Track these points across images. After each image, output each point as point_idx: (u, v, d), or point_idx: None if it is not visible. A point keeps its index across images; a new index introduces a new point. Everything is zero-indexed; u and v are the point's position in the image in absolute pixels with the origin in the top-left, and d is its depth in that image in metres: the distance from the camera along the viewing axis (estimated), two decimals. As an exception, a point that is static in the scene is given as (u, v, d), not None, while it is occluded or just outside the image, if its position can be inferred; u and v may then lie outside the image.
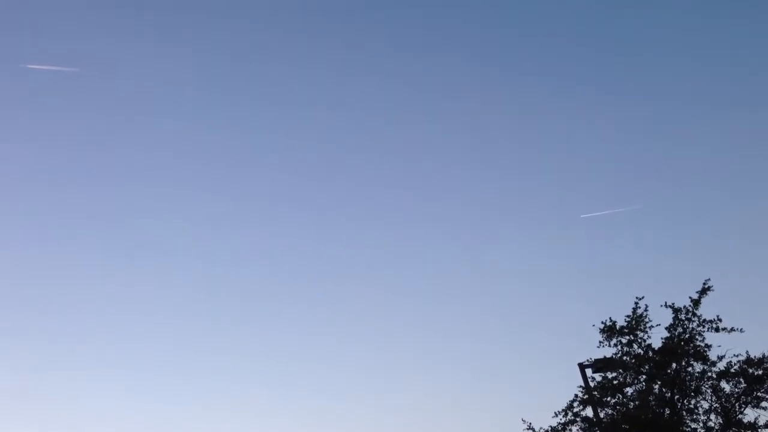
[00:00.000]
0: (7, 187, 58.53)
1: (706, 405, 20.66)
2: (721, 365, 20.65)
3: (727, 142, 57.31)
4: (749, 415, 20.44)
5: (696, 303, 20.96)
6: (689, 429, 20.49)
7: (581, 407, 21.28)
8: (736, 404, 20.49)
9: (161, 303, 55.53)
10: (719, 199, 54.95)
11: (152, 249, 58.45)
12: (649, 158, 58.39)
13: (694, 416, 20.58)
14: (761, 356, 20.38)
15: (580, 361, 21.22)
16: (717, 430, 20.42)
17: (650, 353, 21.04)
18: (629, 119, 60.35)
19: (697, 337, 20.83)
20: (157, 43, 62.02)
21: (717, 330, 20.69)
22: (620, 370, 21.12)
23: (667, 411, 20.57)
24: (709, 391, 20.69)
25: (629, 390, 21.22)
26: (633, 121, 60.21)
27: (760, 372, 20.26)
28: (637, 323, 21.30)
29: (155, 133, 61.80)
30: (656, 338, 21.21)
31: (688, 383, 20.71)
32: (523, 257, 55.61)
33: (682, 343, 20.78)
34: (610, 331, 21.51)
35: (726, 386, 20.64)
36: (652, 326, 21.26)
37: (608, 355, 21.24)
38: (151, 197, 60.25)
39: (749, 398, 20.40)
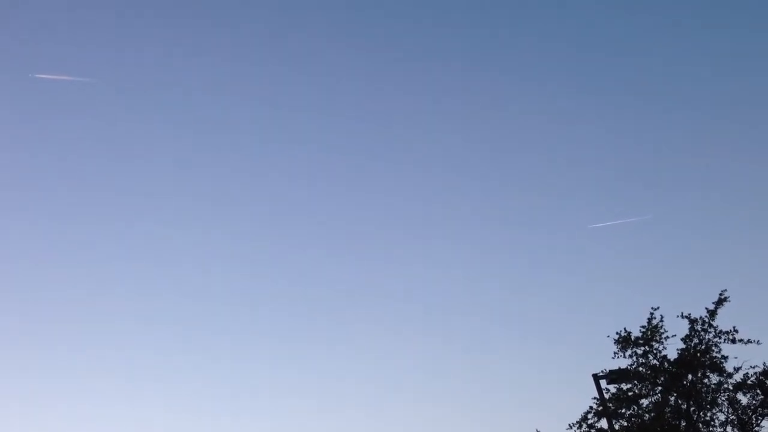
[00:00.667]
0: (13, 193, 58.46)
1: (722, 417, 20.53)
2: (738, 377, 20.54)
3: (737, 148, 57.09)
4: (766, 427, 20.28)
5: (712, 314, 20.78)
6: (705, 441, 20.30)
7: (596, 419, 21.05)
8: (753, 416, 20.28)
9: (160, 307, 55.44)
10: (733, 206, 54.70)
11: (153, 253, 58.37)
12: (658, 166, 58.18)
13: (711, 428, 20.39)
14: (779, 368, 20.18)
15: (595, 372, 21.07)
16: (733, 442, 20.22)
17: (666, 364, 20.85)
18: (638, 126, 60.23)
19: (713, 348, 20.65)
20: (165, 51, 62.04)
21: (734, 341, 20.50)
22: (635, 382, 20.93)
23: (683, 423, 20.36)
24: (725, 403, 20.51)
25: (645, 401, 21.02)
26: (642, 128, 60.12)
27: (778, 384, 20.05)
28: (653, 334, 21.11)
29: (162, 139, 61.69)
30: (672, 349, 21.08)
31: (704, 395, 20.51)
32: (532, 267, 55.40)
33: (699, 354, 20.58)
34: (625, 341, 21.31)
35: (743, 398, 20.52)
36: (667, 337, 21.10)
37: (623, 366, 21.10)
38: (157, 202, 60.20)
39: (766, 410, 20.18)
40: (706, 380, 20.64)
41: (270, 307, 56.01)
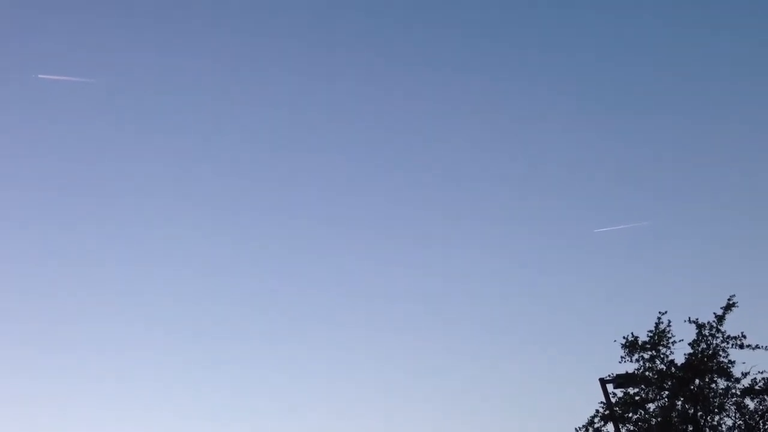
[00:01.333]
0: (13, 192, 58.37)
1: (729, 422, 20.49)
2: (746, 382, 20.48)
3: (744, 151, 57.06)
4: (774, 432, 20.21)
5: (720, 319, 20.78)
6: (712, 446, 20.27)
7: (602, 423, 21.04)
8: (760, 421, 20.26)
9: (159, 309, 55.34)
10: (742, 211, 54.59)
11: (151, 254, 58.28)
12: (665, 169, 58.11)
13: (718, 433, 20.34)
14: (787, 373, 20.18)
15: (602, 376, 21.03)
16: (741, 447, 20.20)
17: (673, 369, 20.84)
18: (644, 130, 60.19)
19: (720, 353, 20.65)
20: (169, 52, 62.02)
21: (741, 346, 20.51)
22: (642, 386, 20.91)
23: (691, 428, 20.33)
24: (732, 408, 20.48)
25: (651, 406, 21.02)
26: (648, 132, 60.11)
27: (786, 389, 20.04)
28: (660, 338, 21.10)
29: (164, 140, 61.62)
30: (679, 354, 21.06)
31: (711, 400, 20.49)
32: (538, 270, 55.30)
33: (706, 359, 20.58)
34: (632, 346, 21.30)
35: (750, 403, 20.47)
36: (675, 342, 21.08)
37: (630, 371, 21.09)
38: (157, 204, 60.15)
39: (774, 415, 20.16)
40: (713, 385, 20.63)
41: (269, 308, 55.96)
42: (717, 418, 20.46)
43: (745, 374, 20.40)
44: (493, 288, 54.90)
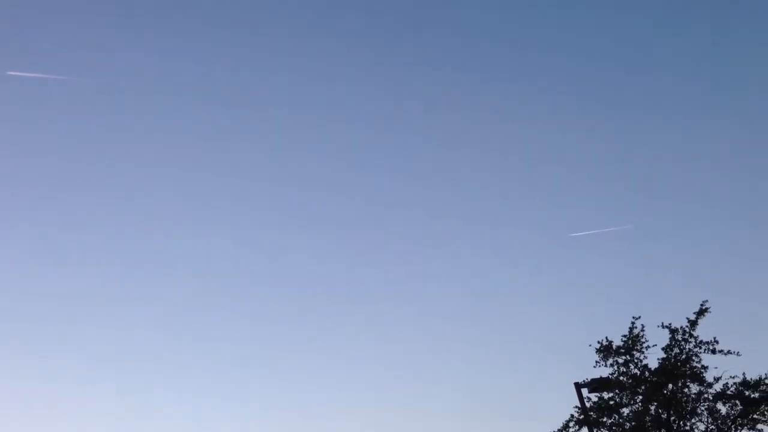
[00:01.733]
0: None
1: (702, 426, 20.68)
2: (718, 387, 20.69)
3: (719, 157, 57.14)
4: (745, 437, 20.39)
5: (693, 324, 20.96)
6: (685, 450, 20.46)
7: (577, 428, 21.23)
8: (732, 426, 20.44)
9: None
10: (714, 217, 54.67)
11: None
12: (639, 175, 58.08)
13: (690, 438, 20.53)
14: (758, 379, 20.36)
15: (577, 381, 21.23)
16: (713, 452, 20.38)
17: (647, 374, 21.03)
18: (620, 135, 60.17)
19: (693, 358, 20.84)
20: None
21: (714, 352, 20.69)
22: (616, 391, 21.09)
23: (663, 432, 20.53)
24: (705, 412, 20.68)
25: (625, 411, 21.19)
26: (624, 137, 60.08)
27: (757, 395, 20.23)
28: (634, 343, 21.31)
29: (144, 141, 61.77)
30: (653, 359, 21.25)
31: (684, 404, 20.70)
32: (514, 274, 55.29)
33: (679, 364, 20.77)
34: (606, 350, 21.49)
35: (722, 408, 20.65)
36: (648, 346, 21.27)
37: (605, 375, 21.25)
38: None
39: (745, 420, 20.36)
40: (686, 390, 20.81)
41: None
42: (689, 422, 20.65)
43: (717, 379, 20.62)
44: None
